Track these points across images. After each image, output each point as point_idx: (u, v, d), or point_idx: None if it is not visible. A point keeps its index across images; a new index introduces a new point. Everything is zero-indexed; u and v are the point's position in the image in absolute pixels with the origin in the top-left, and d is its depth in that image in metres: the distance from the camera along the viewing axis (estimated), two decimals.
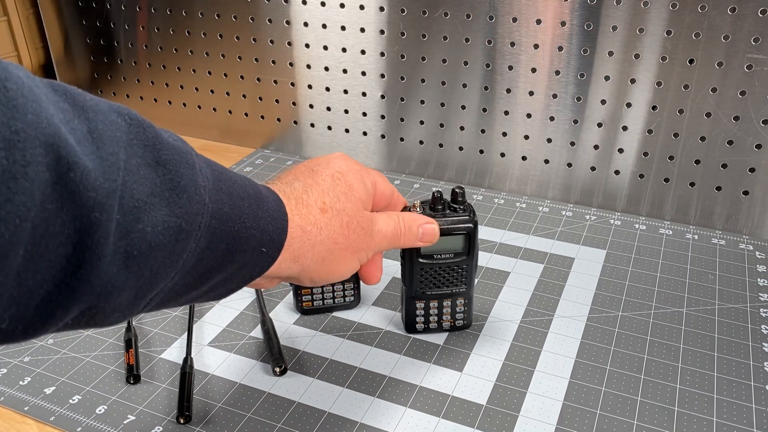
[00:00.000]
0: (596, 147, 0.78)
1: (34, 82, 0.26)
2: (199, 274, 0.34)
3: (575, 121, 0.77)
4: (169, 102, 1.00)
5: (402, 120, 0.86)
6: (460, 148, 0.84)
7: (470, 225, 0.52)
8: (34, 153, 0.24)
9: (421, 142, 0.86)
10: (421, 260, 0.53)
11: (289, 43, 0.88)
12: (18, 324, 0.26)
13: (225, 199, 0.34)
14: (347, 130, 0.90)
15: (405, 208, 0.53)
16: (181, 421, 0.49)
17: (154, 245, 0.29)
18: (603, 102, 0.75)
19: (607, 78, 0.74)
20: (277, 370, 0.54)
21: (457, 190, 0.52)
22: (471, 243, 0.53)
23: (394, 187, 0.50)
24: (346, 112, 0.89)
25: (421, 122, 0.85)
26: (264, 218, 0.37)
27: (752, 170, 0.72)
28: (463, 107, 0.82)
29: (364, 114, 0.88)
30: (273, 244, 0.38)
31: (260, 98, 0.94)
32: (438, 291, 0.55)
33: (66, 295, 0.26)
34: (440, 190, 0.52)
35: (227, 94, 0.96)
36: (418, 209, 0.52)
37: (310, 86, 0.90)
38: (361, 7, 0.81)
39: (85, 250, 0.26)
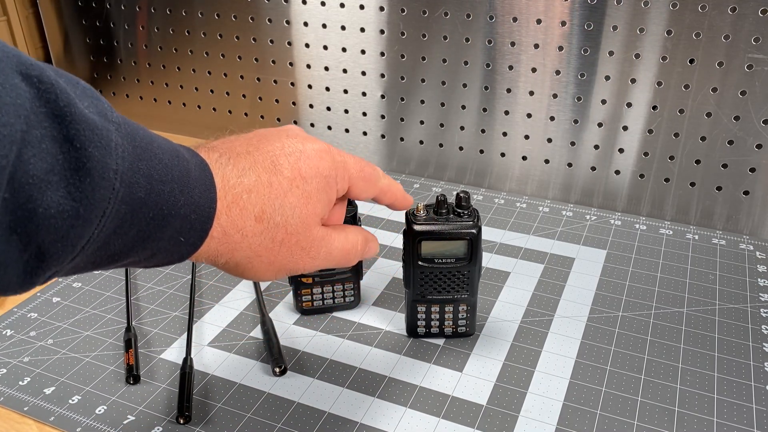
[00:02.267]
0: (596, 147, 0.78)
1: None
2: (105, 255, 0.31)
3: (575, 121, 0.77)
4: (169, 102, 1.00)
5: (402, 120, 0.86)
6: (460, 148, 0.84)
7: (473, 231, 0.51)
8: None
9: (421, 142, 0.86)
10: (420, 263, 0.53)
11: (289, 43, 0.88)
12: None
13: (142, 182, 0.30)
14: (347, 130, 0.90)
15: (409, 211, 0.53)
16: (181, 421, 0.49)
17: (41, 227, 0.26)
18: (603, 102, 0.75)
19: (607, 78, 0.74)
20: (277, 370, 0.54)
21: (462, 194, 0.52)
22: (473, 249, 0.52)
23: (379, 176, 0.45)
24: (346, 112, 0.89)
25: (421, 122, 0.85)
26: (186, 206, 0.33)
27: (753, 170, 0.72)
28: (463, 107, 0.82)
29: (364, 114, 0.88)
30: (194, 233, 0.34)
31: (260, 98, 0.94)
32: (439, 296, 0.55)
33: None
34: (444, 194, 0.52)
35: (227, 94, 0.96)
36: (421, 212, 0.52)
37: (310, 86, 0.90)
38: (361, 7, 0.81)
39: None
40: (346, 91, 0.88)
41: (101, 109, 0.29)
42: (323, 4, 0.83)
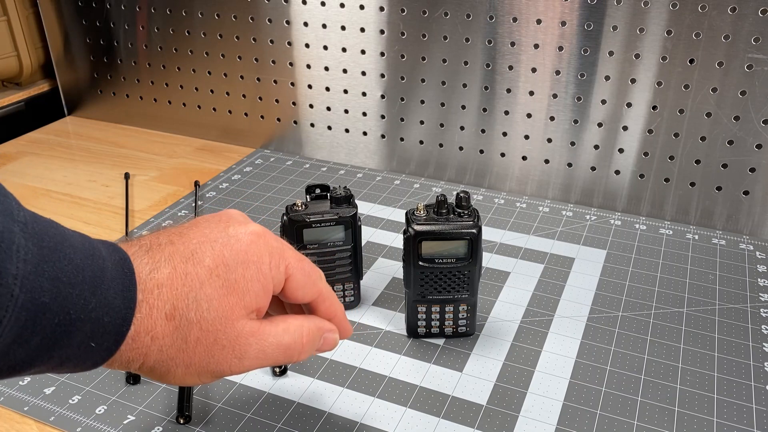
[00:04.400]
0: (596, 147, 0.78)
1: None
2: (4, 367, 0.29)
3: (575, 121, 0.77)
4: (169, 102, 1.00)
5: (402, 120, 0.86)
6: (460, 148, 0.84)
7: (473, 231, 0.51)
8: None
9: (421, 142, 0.86)
10: (421, 263, 0.53)
11: (289, 43, 0.88)
12: None
13: (46, 286, 0.28)
14: (347, 130, 0.90)
15: (409, 211, 0.53)
16: (181, 421, 0.49)
17: None
18: (603, 102, 0.75)
19: (607, 78, 0.74)
20: (277, 370, 0.54)
21: (462, 194, 0.52)
22: (474, 249, 0.52)
23: (319, 277, 0.40)
24: (346, 112, 0.89)
25: (421, 122, 0.85)
26: (99, 308, 0.30)
27: (752, 170, 0.72)
28: (463, 107, 0.82)
29: (364, 114, 0.88)
30: (108, 338, 0.31)
31: (260, 98, 0.94)
32: (439, 296, 0.55)
33: None
34: (444, 194, 0.52)
35: (227, 94, 0.96)
36: (422, 212, 0.52)
37: (310, 86, 0.90)
38: (361, 7, 0.81)
39: None
40: (346, 91, 0.88)
41: (6, 207, 0.28)
42: (323, 4, 0.83)
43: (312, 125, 0.92)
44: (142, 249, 0.34)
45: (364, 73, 0.85)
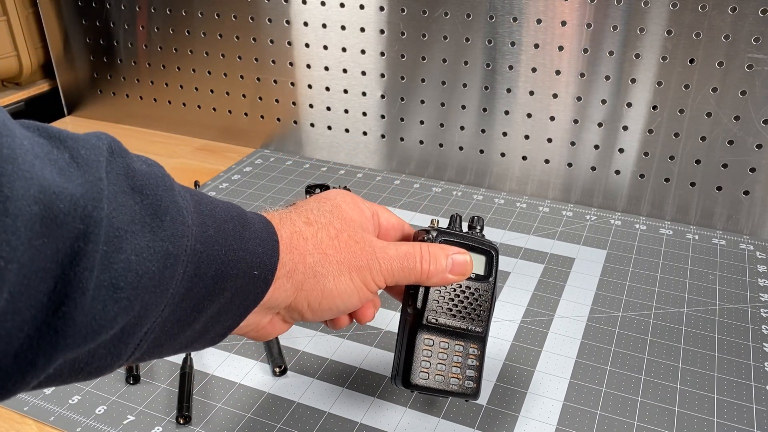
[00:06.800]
0: (596, 147, 0.78)
1: (8, 119, 0.25)
2: (190, 306, 0.31)
3: (575, 121, 0.77)
4: (169, 102, 1.00)
5: (402, 120, 0.86)
6: (460, 148, 0.84)
7: (494, 248, 0.46)
8: (13, 187, 0.22)
9: (421, 142, 0.86)
10: None
11: (289, 43, 0.88)
12: None
13: (208, 222, 0.32)
14: (347, 130, 0.90)
15: (420, 235, 0.47)
16: (181, 421, 0.49)
17: (141, 273, 0.27)
18: (603, 102, 0.75)
19: (607, 78, 0.74)
20: (277, 370, 0.54)
21: (476, 217, 0.48)
22: (492, 267, 0.46)
23: (403, 220, 0.46)
24: (346, 111, 0.89)
25: (421, 122, 0.85)
26: (251, 240, 0.35)
27: (753, 170, 0.72)
28: (463, 107, 0.82)
29: (364, 114, 0.88)
30: (265, 267, 0.35)
31: (260, 98, 0.94)
32: (452, 320, 0.44)
33: (48, 338, 0.24)
34: (459, 213, 0.48)
35: (227, 94, 0.96)
36: (436, 225, 0.46)
37: (310, 86, 0.90)
38: (361, 7, 0.81)
39: (68, 284, 0.24)
40: (346, 91, 0.88)
41: (151, 162, 0.32)
42: (323, 4, 0.83)
43: (312, 125, 0.92)
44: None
45: (364, 73, 0.85)
